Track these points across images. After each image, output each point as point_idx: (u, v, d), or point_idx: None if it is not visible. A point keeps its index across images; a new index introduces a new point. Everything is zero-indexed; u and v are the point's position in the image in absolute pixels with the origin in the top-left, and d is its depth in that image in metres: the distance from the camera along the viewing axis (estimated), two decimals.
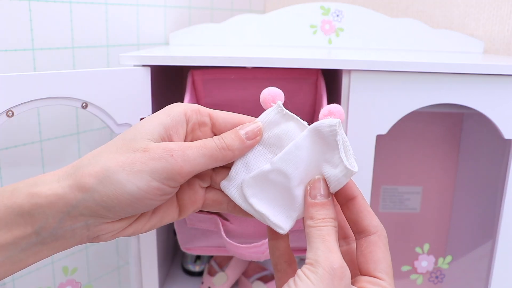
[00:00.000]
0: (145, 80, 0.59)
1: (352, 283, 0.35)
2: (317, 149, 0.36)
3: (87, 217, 0.34)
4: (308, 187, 0.36)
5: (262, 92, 0.38)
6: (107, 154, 0.34)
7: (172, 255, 0.87)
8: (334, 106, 0.36)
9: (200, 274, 0.83)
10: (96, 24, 0.73)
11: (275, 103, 0.37)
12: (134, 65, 0.59)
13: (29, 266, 0.34)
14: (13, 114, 0.50)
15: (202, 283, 0.79)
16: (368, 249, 0.35)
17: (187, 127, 0.37)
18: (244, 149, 0.37)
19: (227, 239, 0.58)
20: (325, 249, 0.33)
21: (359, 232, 0.37)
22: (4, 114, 0.49)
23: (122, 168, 0.33)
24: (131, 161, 0.33)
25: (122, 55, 0.59)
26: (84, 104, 0.55)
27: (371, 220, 0.36)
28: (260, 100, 0.38)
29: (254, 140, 0.37)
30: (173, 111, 0.37)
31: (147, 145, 0.34)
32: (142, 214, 0.37)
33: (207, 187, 0.39)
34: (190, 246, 0.66)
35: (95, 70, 0.55)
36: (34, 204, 0.32)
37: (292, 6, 0.85)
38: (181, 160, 0.34)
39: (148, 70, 0.60)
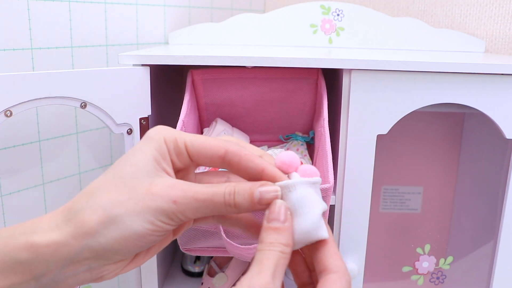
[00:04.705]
0: (144, 80, 0.59)
1: None
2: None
3: (91, 261, 0.32)
4: (267, 212, 0.34)
5: (283, 159, 0.36)
6: (106, 194, 0.32)
7: (172, 256, 0.87)
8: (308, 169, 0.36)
9: (199, 274, 0.83)
10: (95, 24, 0.73)
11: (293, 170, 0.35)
12: (134, 65, 0.59)
13: None
14: (11, 113, 0.50)
15: (202, 283, 0.79)
16: (325, 287, 0.33)
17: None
18: (253, 211, 0.35)
19: (227, 239, 0.58)
20: (254, 272, 0.31)
21: (321, 271, 0.34)
22: (3, 114, 0.49)
23: (125, 209, 0.32)
24: (134, 201, 0.32)
25: (121, 54, 0.59)
26: (83, 104, 0.55)
27: (336, 259, 0.34)
28: (281, 164, 0.36)
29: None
30: (154, 142, 0.35)
31: (150, 184, 0.33)
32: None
33: None
34: (190, 247, 0.65)
35: (94, 69, 0.55)
36: (34, 253, 0.31)
37: (292, 5, 0.84)
38: (184, 208, 0.33)
39: (148, 69, 0.59)
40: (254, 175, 0.35)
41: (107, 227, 0.31)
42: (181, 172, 0.38)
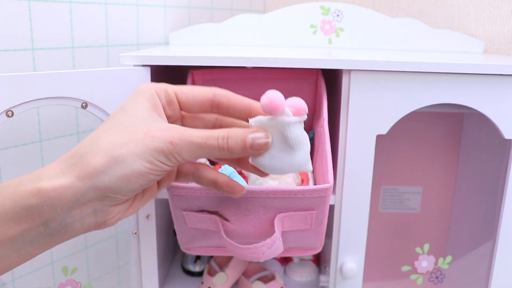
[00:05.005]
0: (145, 80, 0.59)
1: None
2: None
3: (96, 202, 0.34)
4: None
5: (269, 98, 0.38)
6: (107, 138, 0.35)
7: (172, 255, 0.87)
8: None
9: (200, 274, 0.83)
10: (96, 24, 0.73)
11: (282, 109, 0.38)
12: (134, 65, 0.59)
13: (34, 257, 0.35)
14: (13, 114, 0.50)
15: (202, 283, 0.79)
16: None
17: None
18: (244, 155, 0.38)
19: (227, 239, 0.58)
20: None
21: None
22: (4, 114, 0.49)
23: (126, 150, 0.34)
24: (134, 142, 0.35)
25: (122, 55, 0.59)
26: (84, 104, 0.55)
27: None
28: (267, 104, 0.38)
29: (257, 151, 0.38)
30: (146, 93, 0.39)
31: (148, 128, 0.36)
32: (136, 195, 0.39)
33: None
34: (190, 246, 0.66)
35: (95, 70, 0.55)
36: (42, 197, 0.33)
37: (292, 6, 0.85)
38: (180, 149, 0.36)
39: (148, 70, 0.59)
40: (243, 111, 0.41)
41: (110, 167, 0.34)
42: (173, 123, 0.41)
